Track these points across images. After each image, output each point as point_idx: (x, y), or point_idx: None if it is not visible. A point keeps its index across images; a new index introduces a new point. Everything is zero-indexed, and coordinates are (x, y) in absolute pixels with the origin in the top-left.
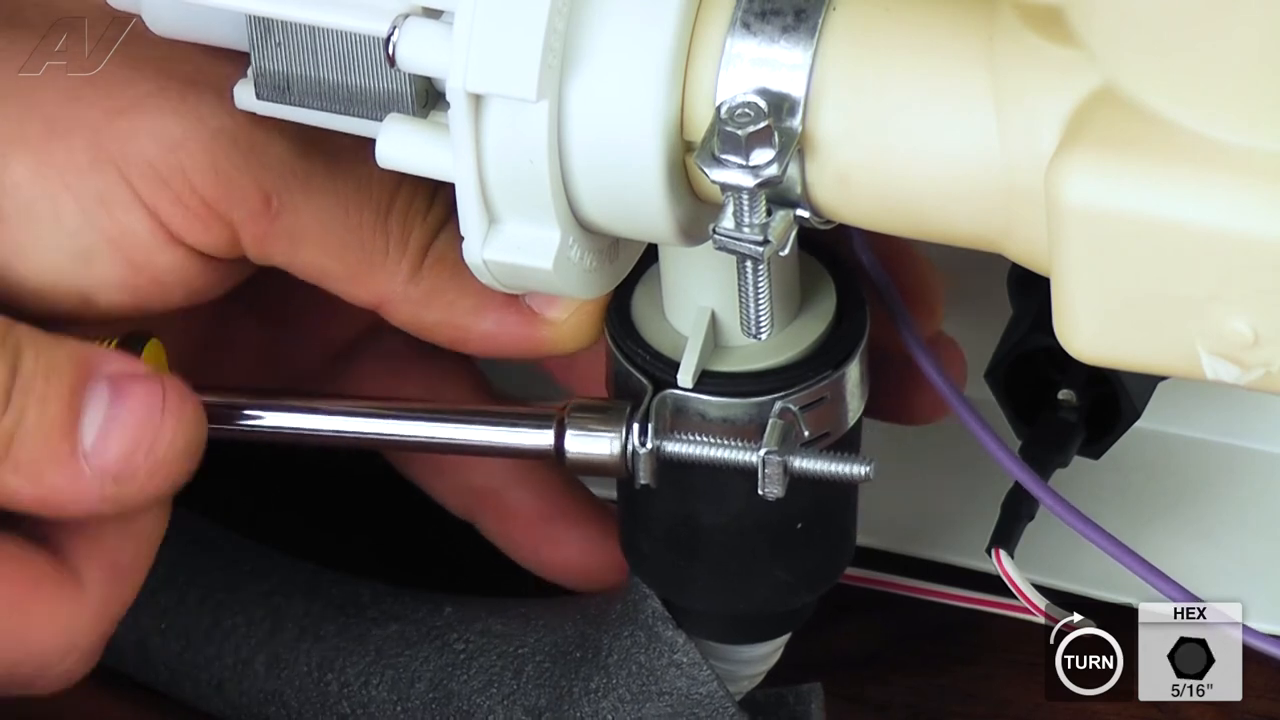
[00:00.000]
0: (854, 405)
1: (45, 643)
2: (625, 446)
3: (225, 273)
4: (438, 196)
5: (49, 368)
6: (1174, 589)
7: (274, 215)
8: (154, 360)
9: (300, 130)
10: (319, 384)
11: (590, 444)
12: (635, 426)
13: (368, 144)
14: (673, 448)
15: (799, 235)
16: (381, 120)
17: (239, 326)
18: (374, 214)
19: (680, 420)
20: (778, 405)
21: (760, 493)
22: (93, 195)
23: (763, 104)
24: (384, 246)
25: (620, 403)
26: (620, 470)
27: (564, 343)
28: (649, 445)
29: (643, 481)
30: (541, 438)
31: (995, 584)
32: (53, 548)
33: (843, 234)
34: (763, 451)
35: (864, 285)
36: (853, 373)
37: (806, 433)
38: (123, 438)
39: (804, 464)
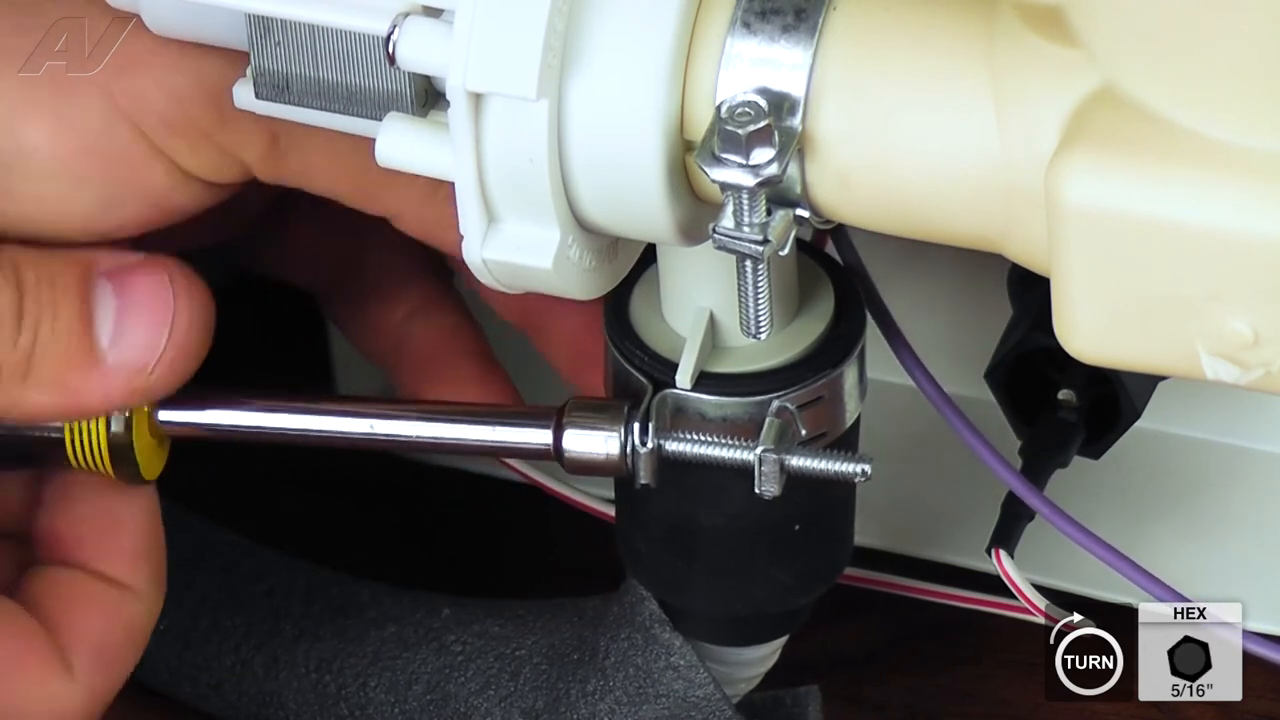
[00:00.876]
0: (851, 405)
1: (32, 713)
2: (625, 445)
3: (242, 187)
4: None
5: (51, 276)
6: (1169, 594)
7: (282, 153)
8: None
9: None
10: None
11: (590, 442)
12: (635, 425)
13: None
14: (673, 446)
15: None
16: (381, 119)
17: None
18: None
19: (680, 420)
20: (775, 404)
21: (757, 491)
22: (113, 151)
23: (763, 103)
24: (392, 172)
25: (619, 401)
26: (620, 469)
27: None
28: (650, 444)
29: (643, 481)
30: (540, 436)
31: (995, 584)
32: (46, 630)
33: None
34: (759, 449)
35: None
36: (850, 372)
37: (804, 431)
38: (139, 330)
39: (802, 463)
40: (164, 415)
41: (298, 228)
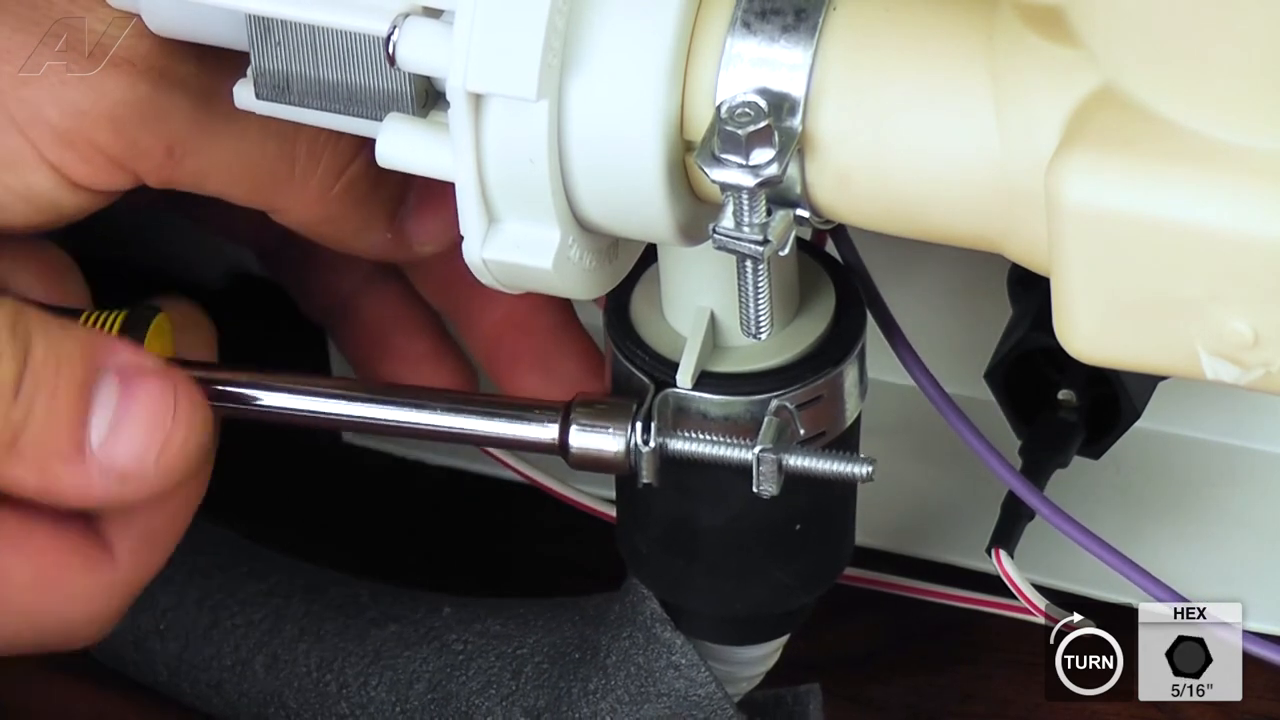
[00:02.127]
0: (851, 404)
1: (75, 613)
2: (629, 444)
3: (126, 195)
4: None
5: (59, 359)
6: (1169, 594)
7: (177, 162)
8: (160, 337)
9: (204, 78)
10: None
11: (594, 440)
12: (639, 424)
13: None
14: (675, 445)
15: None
16: (381, 120)
17: None
18: (278, 144)
19: (682, 419)
20: (774, 403)
21: (755, 490)
22: (2, 157)
23: (763, 103)
24: (289, 171)
25: (625, 400)
26: (623, 467)
27: (424, 259)
28: (652, 443)
29: (645, 480)
30: (546, 432)
31: (995, 584)
32: (85, 516)
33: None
34: (757, 449)
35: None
36: (850, 372)
37: (802, 431)
38: (132, 439)
39: (802, 463)
40: None
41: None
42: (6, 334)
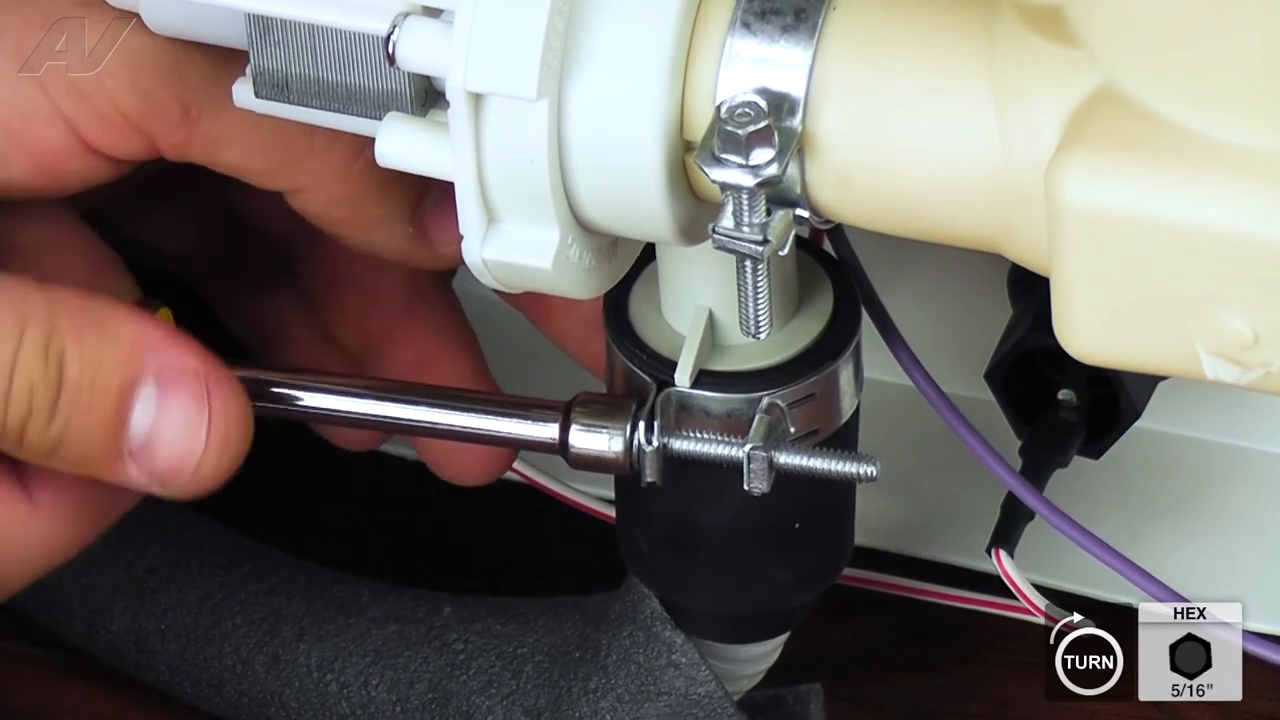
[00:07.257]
0: (846, 403)
1: None
2: (631, 443)
3: (135, 169)
4: None
5: (94, 373)
6: (1169, 594)
7: (193, 124)
8: None
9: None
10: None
11: (596, 440)
12: (641, 424)
13: None
14: (674, 445)
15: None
16: (381, 119)
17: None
18: None
19: (683, 418)
20: (765, 401)
21: (745, 488)
22: (13, 107)
23: (763, 103)
24: (308, 145)
25: (626, 400)
26: (624, 467)
27: (448, 264)
28: (655, 443)
29: (649, 479)
30: (546, 431)
31: (995, 584)
32: (11, 460)
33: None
34: (748, 447)
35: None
36: (844, 370)
37: (793, 429)
38: (170, 444)
39: (808, 462)
40: None
41: (177, 204)
42: (37, 359)
